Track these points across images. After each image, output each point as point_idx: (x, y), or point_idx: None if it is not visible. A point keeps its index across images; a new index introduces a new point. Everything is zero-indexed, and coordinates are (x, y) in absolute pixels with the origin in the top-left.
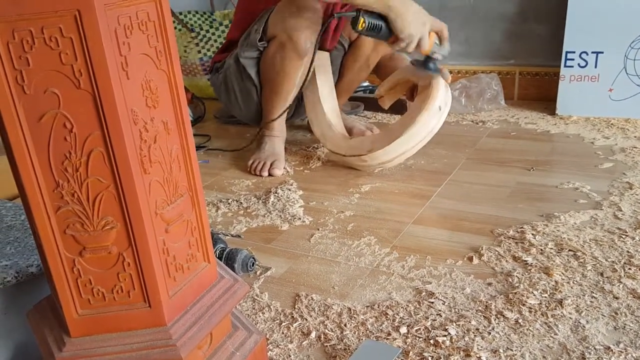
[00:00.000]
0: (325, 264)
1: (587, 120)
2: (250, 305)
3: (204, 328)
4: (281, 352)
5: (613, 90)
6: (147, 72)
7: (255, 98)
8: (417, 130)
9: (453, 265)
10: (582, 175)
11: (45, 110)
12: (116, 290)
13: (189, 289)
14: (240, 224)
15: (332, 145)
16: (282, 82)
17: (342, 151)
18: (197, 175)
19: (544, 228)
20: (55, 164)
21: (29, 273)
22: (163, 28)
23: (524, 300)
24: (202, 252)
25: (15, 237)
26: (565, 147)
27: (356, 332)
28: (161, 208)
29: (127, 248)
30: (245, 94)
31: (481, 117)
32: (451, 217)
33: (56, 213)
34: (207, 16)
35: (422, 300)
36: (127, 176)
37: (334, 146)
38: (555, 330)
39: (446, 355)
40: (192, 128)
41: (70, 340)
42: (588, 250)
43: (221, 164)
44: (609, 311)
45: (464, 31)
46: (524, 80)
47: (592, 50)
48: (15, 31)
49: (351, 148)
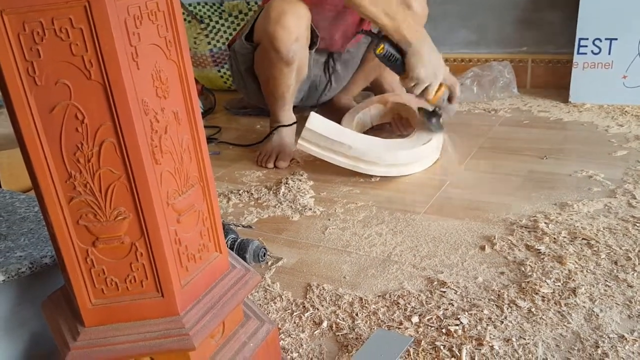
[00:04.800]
0: (337, 254)
1: (600, 107)
2: (262, 295)
3: (216, 317)
4: (293, 341)
5: (627, 77)
6: (157, 62)
7: (255, 86)
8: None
9: (465, 254)
10: (595, 163)
11: (57, 102)
12: (129, 280)
13: (201, 279)
14: (251, 214)
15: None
16: (275, 86)
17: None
18: (207, 165)
19: (557, 216)
20: (67, 155)
21: (43, 264)
22: (172, 18)
23: (537, 289)
24: (213, 242)
25: (29, 229)
26: (578, 135)
27: (368, 322)
28: (172, 198)
29: (139, 238)
30: (249, 81)
31: (493, 106)
32: (463, 206)
33: (69, 204)
34: (217, 7)
35: (434, 290)
36: (139, 167)
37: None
38: (569, 319)
39: (458, 344)
40: (202, 120)
41: (84, 330)
42: (602, 238)
43: (232, 155)
44: (623, 299)
45: (476, 19)
46: (537, 67)
47: (605, 36)
48: (25, 23)
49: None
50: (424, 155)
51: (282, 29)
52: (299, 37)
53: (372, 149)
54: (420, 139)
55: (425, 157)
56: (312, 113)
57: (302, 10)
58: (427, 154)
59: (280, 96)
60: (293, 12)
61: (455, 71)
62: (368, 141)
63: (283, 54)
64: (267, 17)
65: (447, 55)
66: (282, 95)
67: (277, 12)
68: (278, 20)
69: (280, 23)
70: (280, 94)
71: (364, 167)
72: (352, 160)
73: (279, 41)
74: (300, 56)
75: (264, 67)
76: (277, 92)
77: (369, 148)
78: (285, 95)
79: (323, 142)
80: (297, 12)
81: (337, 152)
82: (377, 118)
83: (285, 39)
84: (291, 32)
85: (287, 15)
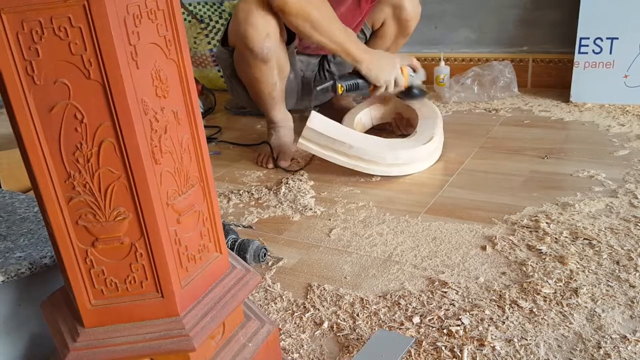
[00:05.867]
0: (337, 254)
1: (601, 107)
2: (263, 295)
3: (216, 318)
4: (294, 342)
5: (628, 76)
6: (157, 61)
7: (243, 90)
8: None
9: (466, 254)
10: (597, 162)
11: (56, 101)
12: (129, 280)
13: (201, 279)
14: (252, 214)
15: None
16: (260, 86)
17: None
18: (208, 165)
19: (558, 216)
20: (66, 155)
21: (42, 264)
22: (172, 17)
23: (538, 290)
24: (213, 242)
25: (29, 229)
26: (579, 135)
27: (369, 322)
28: (172, 198)
29: (139, 238)
30: (236, 85)
31: (494, 105)
32: (464, 206)
33: (68, 204)
34: (217, 7)
35: (435, 290)
36: (138, 167)
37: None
38: (571, 319)
39: (460, 344)
40: (202, 120)
41: (84, 331)
42: (603, 238)
43: (232, 155)
44: (625, 300)
45: (476, 18)
46: (538, 67)
47: (606, 36)
48: (24, 22)
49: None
50: (424, 155)
51: (252, 27)
52: (269, 33)
53: (372, 148)
54: (421, 139)
55: (426, 157)
56: (313, 112)
57: (267, 7)
58: (427, 154)
59: (267, 96)
60: (259, 10)
61: (455, 71)
62: (369, 140)
63: (257, 51)
64: (236, 19)
65: (447, 54)
66: (269, 95)
67: (245, 12)
68: (246, 19)
69: (248, 22)
70: (267, 94)
71: (364, 166)
72: (352, 159)
73: (250, 40)
74: (277, 53)
75: (244, 70)
76: (263, 92)
77: (370, 147)
78: (272, 94)
79: (324, 141)
80: (263, 10)
81: (337, 151)
82: (378, 118)
83: (255, 37)
84: (260, 30)
85: (254, 14)
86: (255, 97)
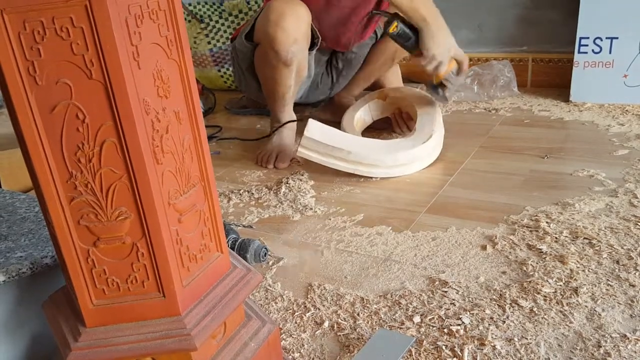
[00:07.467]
0: (338, 253)
1: (601, 107)
2: (263, 295)
3: (217, 317)
4: (294, 341)
5: (628, 76)
6: (158, 61)
7: (255, 84)
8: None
9: (466, 254)
10: (597, 162)
11: (58, 101)
12: (130, 280)
13: (203, 279)
14: (252, 214)
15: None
16: (275, 86)
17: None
18: (209, 165)
19: (558, 216)
20: (68, 155)
21: (43, 264)
22: (173, 17)
23: (538, 289)
24: (215, 242)
25: (30, 229)
26: (579, 134)
27: (369, 322)
28: (174, 198)
29: (140, 238)
30: (250, 78)
31: (494, 105)
32: (464, 206)
33: (70, 204)
34: (217, 7)
35: (435, 289)
36: (140, 166)
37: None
38: (571, 318)
39: (460, 344)
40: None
41: (85, 331)
42: (603, 237)
43: (232, 155)
44: (625, 299)
45: (476, 17)
46: (537, 67)
47: (606, 35)
48: (26, 22)
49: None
50: (424, 154)
51: (282, 31)
52: (297, 39)
53: (371, 152)
54: (420, 138)
55: (426, 156)
56: (310, 120)
57: (302, 11)
58: (426, 153)
59: (280, 97)
60: (292, 13)
61: None
62: (367, 144)
63: (282, 55)
64: (267, 19)
65: None
66: (282, 96)
67: (277, 13)
68: (277, 22)
69: (279, 25)
70: (280, 95)
71: (364, 170)
72: (352, 164)
73: (278, 43)
74: (300, 58)
75: (263, 67)
76: (277, 92)
77: (368, 151)
78: (285, 96)
79: (322, 148)
80: (297, 14)
81: (337, 157)
82: (378, 113)
83: (284, 41)
84: (290, 34)
85: (287, 17)
86: (267, 94)
